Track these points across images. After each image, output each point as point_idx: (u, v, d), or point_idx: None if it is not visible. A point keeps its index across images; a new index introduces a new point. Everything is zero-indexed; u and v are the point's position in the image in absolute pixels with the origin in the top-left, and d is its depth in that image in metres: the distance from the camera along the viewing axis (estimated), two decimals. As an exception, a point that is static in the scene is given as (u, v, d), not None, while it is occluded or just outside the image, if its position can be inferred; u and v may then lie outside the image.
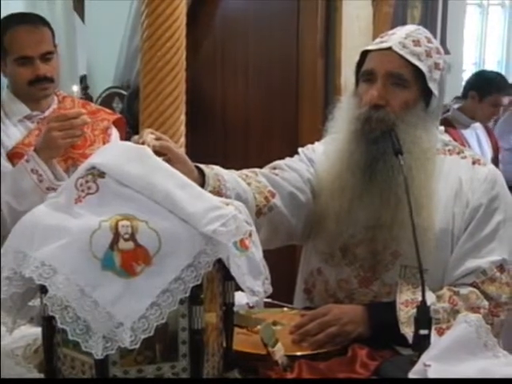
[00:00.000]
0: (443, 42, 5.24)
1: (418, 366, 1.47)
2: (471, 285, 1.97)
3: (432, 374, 1.44)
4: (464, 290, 1.95)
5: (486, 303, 1.95)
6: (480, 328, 1.54)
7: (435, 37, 2.11)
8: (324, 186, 2.10)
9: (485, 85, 4.63)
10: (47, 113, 2.72)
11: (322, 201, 2.10)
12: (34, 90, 2.66)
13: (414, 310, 1.64)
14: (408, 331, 1.80)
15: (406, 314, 1.86)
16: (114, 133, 2.83)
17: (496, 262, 1.99)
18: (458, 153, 2.14)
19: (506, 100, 4.68)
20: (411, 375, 1.47)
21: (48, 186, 2.44)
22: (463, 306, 1.91)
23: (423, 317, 1.58)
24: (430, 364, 1.46)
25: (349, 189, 2.03)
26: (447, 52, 5.75)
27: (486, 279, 1.97)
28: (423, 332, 1.56)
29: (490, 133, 4.90)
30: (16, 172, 2.52)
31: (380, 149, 1.98)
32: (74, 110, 2.63)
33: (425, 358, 1.48)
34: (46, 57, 2.64)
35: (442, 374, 1.43)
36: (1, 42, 2.66)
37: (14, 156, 2.62)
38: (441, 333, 1.80)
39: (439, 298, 1.92)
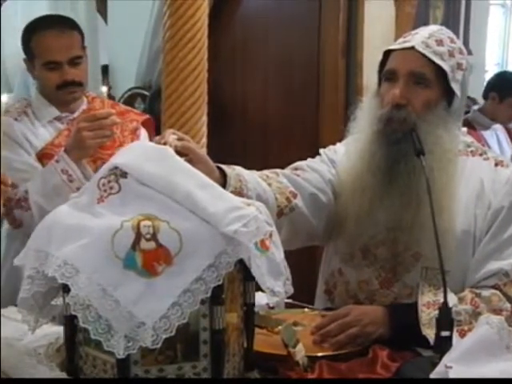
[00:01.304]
0: (466, 43, 5.21)
1: (439, 368, 1.47)
2: (493, 287, 1.95)
3: (453, 375, 1.43)
4: (486, 292, 1.93)
5: (508, 305, 1.93)
6: (502, 330, 1.52)
7: (458, 37, 2.10)
8: (345, 187, 2.09)
9: (505, 86, 4.61)
10: (77, 114, 2.73)
11: (343, 201, 2.09)
12: (62, 94, 2.67)
13: (436, 312, 1.63)
14: (429, 333, 1.79)
15: (427, 315, 1.85)
16: (143, 133, 2.84)
17: None
18: (481, 154, 2.13)
19: None
20: (432, 377, 1.46)
21: (78, 186, 2.43)
22: (485, 308, 1.89)
23: (445, 318, 1.57)
24: (452, 366, 1.45)
25: (369, 189, 2.02)
26: (470, 53, 5.70)
27: (508, 281, 1.95)
28: (445, 334, 1.56)
29: (510, 134, 4.87)
30: (46, 172, 2.53)
31: (401, 150, 1.97)
32: (104, 110, 2.64)
33: (446, 359, 1.47)
34: (75, 61, 2.65)
35: (463, 375, 1.42)
36: (29, 45, 2.68)
37: (43, 156, 2.63)
38: (462, 335, 1.79)
39: (461, 299, 1.91)
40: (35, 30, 2.67)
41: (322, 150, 2.26)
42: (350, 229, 2.08)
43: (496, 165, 2.09)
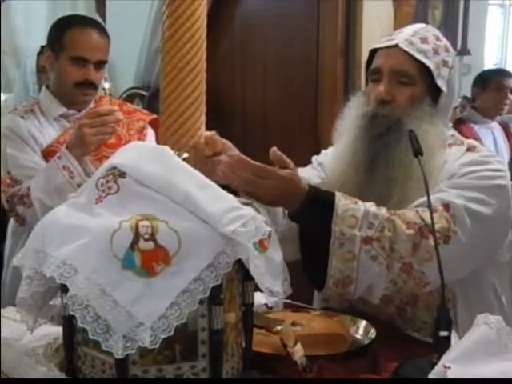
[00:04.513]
0: (464, 43, 5.22)
1: (437, 368, 1.47)
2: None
3: (452, 375, 1.43)
4: (403, 210, 1.91)
5: (421, 222, 1.87)
6: (501, 329, 1.52)
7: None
8: (331, 185, 2.09)
9: (483, 76, 4.78)
10: (83, 112, 2.73)
11: None
12: (77, 92, 2.68)
13: (353, 206, 1.70)
14: (337, 230, 1.79)
15: (344, 206, 1.82)
16: (150, 133, 2.84)
17: (444, 200, 1.92)
18: (459, 144, 2.12)
19: (509, 82, 4.71)
20: (431, 377, 1.46)
21: (79, 183, 2.43)
22: (399, 219, 1.86)
23: (443, 318, 1.57)
24: (450, 366, 1.45)
25: (350, 185, 2.02)
26: (468, 53, 5.71)
27: (427, 209, 1.86)
28: (443, 334, 1.55)
29: (508, 134, 4.89)
30: (48, 169, 2.54)
31: (384, 143, 1.99)
32: (107, 107, 2.64)
33: (445, 359, 1.47)
34: (100, 65, 2.68)
35: (462, 375, 1.42)
36: (61, 37, 2.68)
37: (48, 154, 2.64)
38: (367, 242, 1.80)
39: (379, 209, 1.88)
40: (72, 24, 2.69)
41: (313, 157, 2.30)
42: None
43: (468, 150, 2.08)
